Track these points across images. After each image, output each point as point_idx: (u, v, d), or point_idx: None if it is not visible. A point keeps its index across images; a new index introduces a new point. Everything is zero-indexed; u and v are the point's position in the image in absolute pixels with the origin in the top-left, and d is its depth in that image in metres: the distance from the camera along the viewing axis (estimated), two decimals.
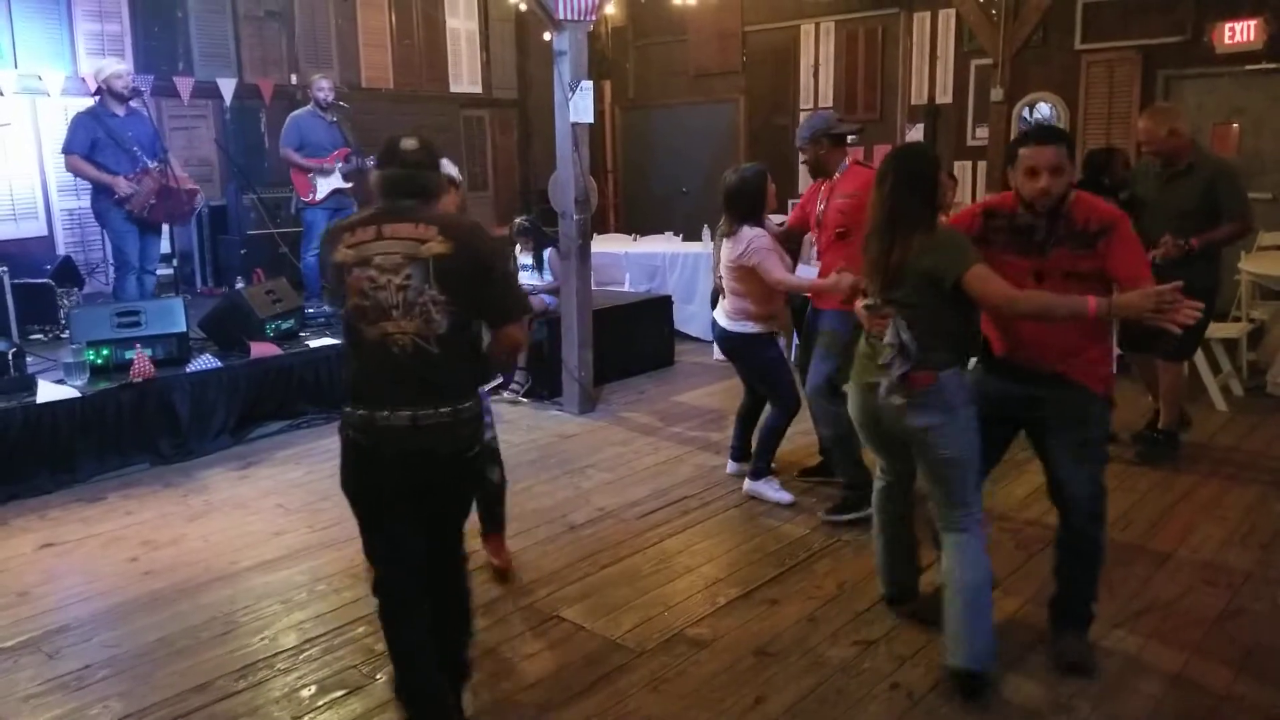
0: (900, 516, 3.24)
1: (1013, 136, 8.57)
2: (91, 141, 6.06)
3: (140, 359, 5.02)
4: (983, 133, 8.85)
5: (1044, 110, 8.77)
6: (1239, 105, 7.95)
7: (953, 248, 2.75)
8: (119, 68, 6.26)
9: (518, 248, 6.62)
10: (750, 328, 4.29)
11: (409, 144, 2.52)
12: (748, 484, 4.49)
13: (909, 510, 3.24)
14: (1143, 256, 2.83)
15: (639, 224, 10.96)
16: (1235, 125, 7.97)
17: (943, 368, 2.77)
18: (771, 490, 4.41)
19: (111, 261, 6.95)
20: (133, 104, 6.26)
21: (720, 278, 4.37)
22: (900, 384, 2.76)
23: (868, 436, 3.08)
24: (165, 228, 6.64)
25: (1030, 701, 2.83)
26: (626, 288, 8.14)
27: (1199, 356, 5.76)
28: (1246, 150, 7.94)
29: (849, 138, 4.22)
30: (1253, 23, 7.54)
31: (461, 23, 10.55)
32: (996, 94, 7.61)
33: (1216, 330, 6.07)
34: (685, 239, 8.84)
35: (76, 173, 6.20)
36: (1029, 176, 2.82)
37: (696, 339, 7.78)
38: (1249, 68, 7.72)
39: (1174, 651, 3.08)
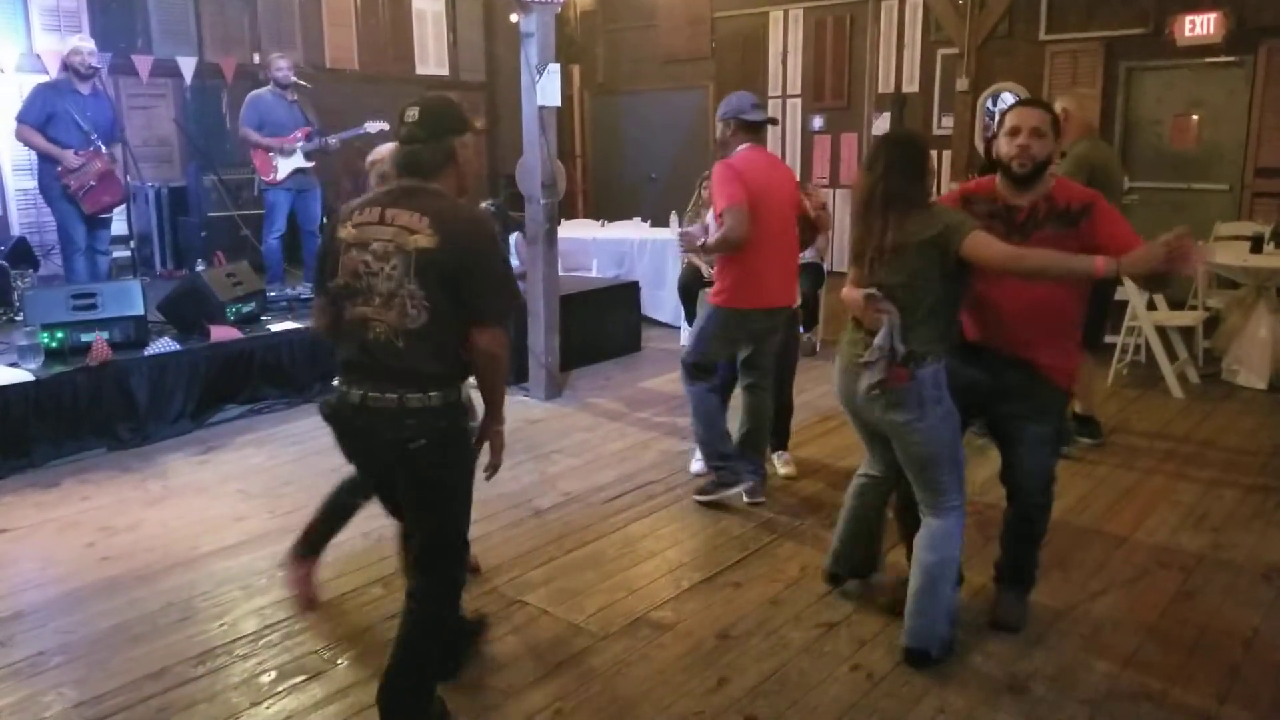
0: (872, 509, 3.23)
1: (978, 127, 8.68)
2: (48, 114, 5.98)
3: (99, 343, 4.92)
4: (948, 122, 8.92)
5: (1008, 100, 8.83)
6: (1198, 97, 8.06)
7: (952, 216, 2.76)
8: (80, 44, 6.19)
9: None
10: None
11: (409, 114, 2.44)
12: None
13: (882, 506, 3.24)
14: (1128, 226, 2.82)
15: (607, 210, 10.93)
16: (1195, 117, 8.08)
17: (922, 363, 2.76)
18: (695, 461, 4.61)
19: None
20: (96, 84, 6.18)
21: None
22: (879, 379, 2.76)
23: (851, 420, 3.09)
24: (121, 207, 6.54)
25: (987, 681, 2.87)
26: (594, 273, 8.12)
27: (1156, 344, 5.87)
28: (1205, 141, 8.06)
29: (766, 127, 4.12)
30: (1212, 16, 7.63)
31: (428, 3, 10.43)
32: (962, 83, 7.67)
33: (1173, 319, 6.18)
34: (654, 225, 8.83)
35: (25, 141, 6.11)
36: (1011, 135, 2.85)
37: (664, 324, 7.78)
38: (1208, 60, 7.83)
39: (1129, 632, 3.14)
